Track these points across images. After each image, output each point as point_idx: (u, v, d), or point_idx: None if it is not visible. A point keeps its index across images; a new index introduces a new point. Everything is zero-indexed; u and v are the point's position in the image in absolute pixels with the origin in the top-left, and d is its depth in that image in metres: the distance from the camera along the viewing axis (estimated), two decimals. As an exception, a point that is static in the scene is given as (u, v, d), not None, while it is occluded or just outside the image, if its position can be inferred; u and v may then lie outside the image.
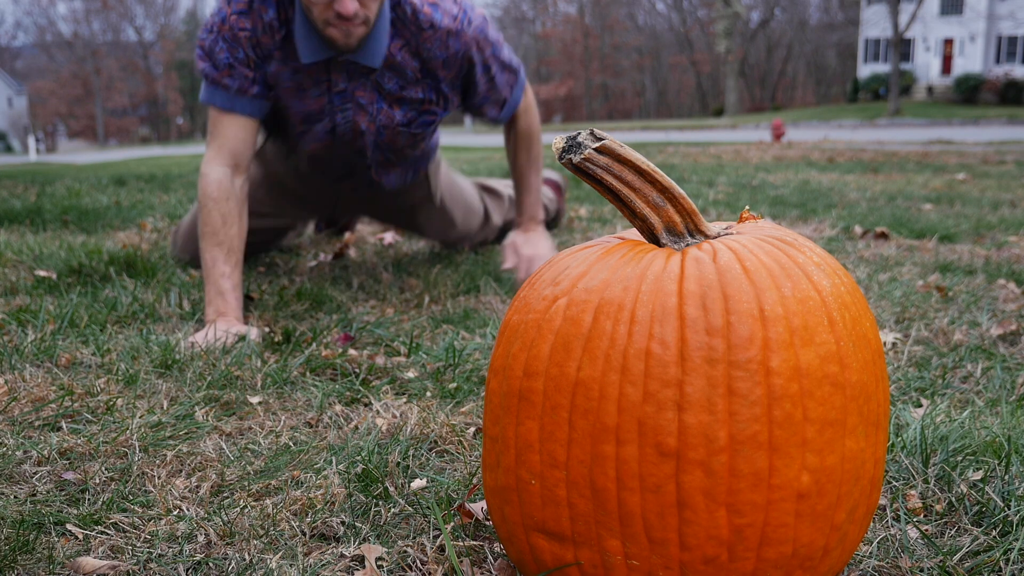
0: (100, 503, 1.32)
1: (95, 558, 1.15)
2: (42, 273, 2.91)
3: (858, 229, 4.27)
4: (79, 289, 2.70)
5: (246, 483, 1.41)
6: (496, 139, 19.41)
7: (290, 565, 1.14)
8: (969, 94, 38.26)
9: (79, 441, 1.56)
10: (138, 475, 1.43)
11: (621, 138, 1.05)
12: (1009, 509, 1.27)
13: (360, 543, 1.21)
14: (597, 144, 1.02)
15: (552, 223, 3.83)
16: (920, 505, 1.32)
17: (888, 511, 1.30)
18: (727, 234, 1.05)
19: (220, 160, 2.29)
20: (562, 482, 0.96)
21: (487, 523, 1.25)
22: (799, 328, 0.93)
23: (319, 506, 1.31)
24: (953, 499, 1.33)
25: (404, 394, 1.85)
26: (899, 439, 1.54)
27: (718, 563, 0.93)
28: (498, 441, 1.03)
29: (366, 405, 1.79)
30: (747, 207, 1.17)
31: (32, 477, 1.42)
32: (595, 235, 3.91)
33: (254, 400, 1.80)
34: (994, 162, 9.85)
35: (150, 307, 2.49)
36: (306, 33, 2.22)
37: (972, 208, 5.30)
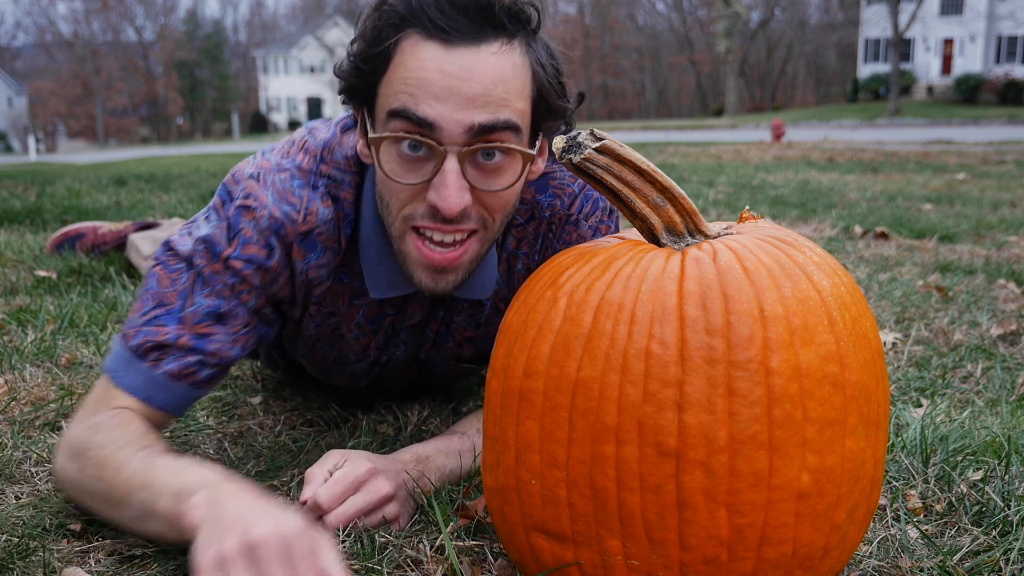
0: (100, 503, 1.32)
1: (87, 571, 1.16)
2: (42, 273, 2.91)
3: (858, 229, 4.27)
4: (79, 289, 2.70)
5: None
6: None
7: (290, 565, 1.14)
8: (969, 94, 38.26)
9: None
10: (138, 475, 1.43)
11: (621, 138, 1.05)
12: (1009, 509, 1.27)
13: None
14: (597, 144, 1.02)
15: None
16: (920, 505, 1.32)
17: (888, 511, 1.30)
18: (727, 234, 1.05)
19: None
20: (562, 482, 0.96)
21: (487, 523, 1.25)
22: (799, 328, 0.93)
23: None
24: (953, 499, 1.33)
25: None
26: (899, 439, 1.54)
27: (718, 563, 0.93)
28: (498, 441, 1.03)
29: (364, 409, 1.79)
30: (747, 207, 1.17)
31: (33, 477, 1.42)
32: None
33: (254, 400, 1.80)
34: (994, 162, 9.85)
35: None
36: (378, 255, 1.36)
37: (972, 208, 5.29)
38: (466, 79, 1.14)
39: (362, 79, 1.22)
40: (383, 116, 1.19)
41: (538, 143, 1.26)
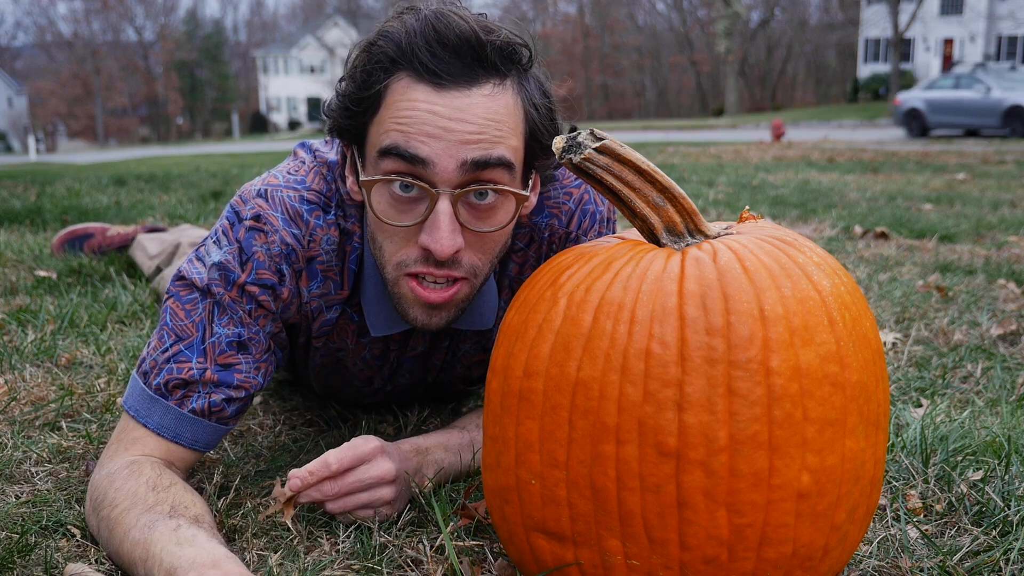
0: (100, 503, 1.32)
1: (91, 567, 1.15)
2: (42, 273, 2.91)
3: (858, 229, 4.27)
4: (79, 289, 2.70)
5: (248, 483, 1.41)
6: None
7: (291, 563, 1.14)
8: (969, 94, 38.19)
9: (79, 440, 1.56)
10: (138, 475, 1.43)
11: (621, 138, 1.05)
12: (1009, 509, 1.27)
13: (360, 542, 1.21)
14: (597, 144, 1.02)
15: None
16: (920, 505, 1.32)
17: (888, 511, 1.30)
18: (727, 234, 1.05)
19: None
20: (562, 482, 0.96)
21: (487, 523, 1.25)
22: (799, 328, 0.93)
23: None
24: (953, 499, 1.33)
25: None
26: (899, 439, 1.54)
27: (718, 563, 0.93)
28: (498, 441, 1.03)
29: (364, 409, 1.79)
30: (747, 207, 1.17)
31: (33, 477, 1.42)
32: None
33: (254, 400, 1.80)
34: (994, 162, 9.85)
35: (150, 307, 2.49)
36: (377, 293, 1.36)
37: (972, 208, 5.29)
38: (458, 120, 1.12)
39: (352, 120, 1.20)
40: (374, 155, 1.17)
41: (531, 182, 1.25)
